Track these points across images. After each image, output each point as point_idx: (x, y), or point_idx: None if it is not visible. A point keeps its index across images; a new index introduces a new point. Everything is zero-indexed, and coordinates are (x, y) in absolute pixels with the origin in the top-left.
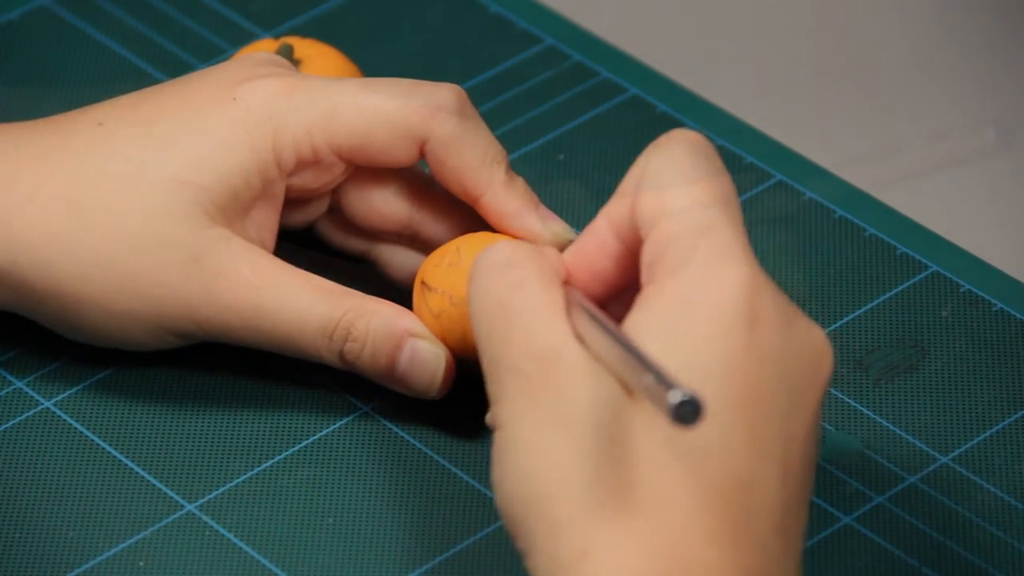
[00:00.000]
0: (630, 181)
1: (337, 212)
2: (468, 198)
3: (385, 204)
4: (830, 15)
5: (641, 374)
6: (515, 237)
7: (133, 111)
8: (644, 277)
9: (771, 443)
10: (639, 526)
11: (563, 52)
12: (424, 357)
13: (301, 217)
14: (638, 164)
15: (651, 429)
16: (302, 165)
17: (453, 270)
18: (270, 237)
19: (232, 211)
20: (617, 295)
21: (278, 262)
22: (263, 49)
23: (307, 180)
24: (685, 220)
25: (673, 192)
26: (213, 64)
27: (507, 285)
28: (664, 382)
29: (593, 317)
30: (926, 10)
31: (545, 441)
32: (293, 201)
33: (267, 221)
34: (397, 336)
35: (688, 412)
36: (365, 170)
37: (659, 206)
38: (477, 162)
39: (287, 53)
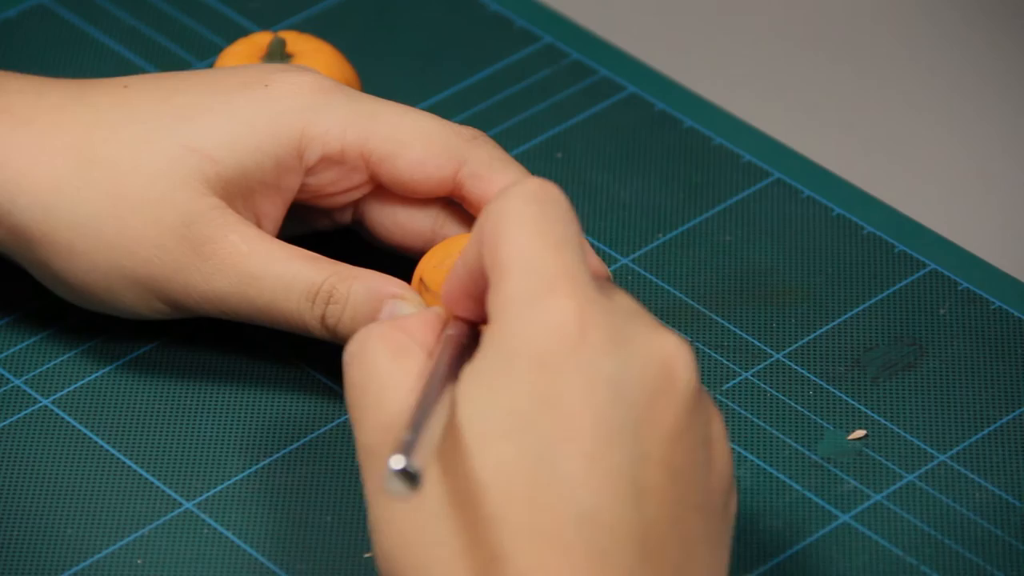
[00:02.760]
0: (479, 229)
1: (360, 226)
2: None
3: (410, 219)
4: (830, 14)
5: (405, 431)
6: None
7: (160, 81)
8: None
9: (613, 468)
10: None
11: (561, 50)
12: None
13: (326, 223)
14: (485, 214)
15: (490, 482)
16: (326, 163)
17: None
18: (269, 226)
19: (235, 187)
20: None
21: (266, 235)
22: (257, 43)
23: (324, 182)
24: (513, 267)
25: (506, 246)
26: (212, 62)
27: (359, 368)
28: (402, 447)
29: (430, 373)
30: (926, 10)
31: (398, 519)
32: (314, 208)
33: (270, 210)
34: (378, 298)
35: (397, 483)
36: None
37: (493, 261)
38: (523, 178)
39: (279, 47)
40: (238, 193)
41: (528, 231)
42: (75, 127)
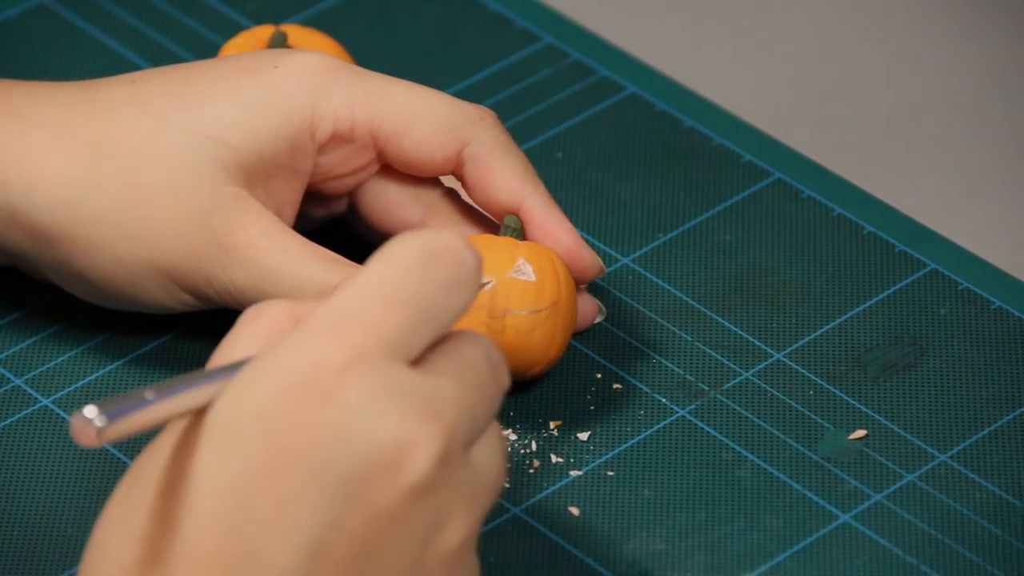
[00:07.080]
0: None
1: (353, 215)
2: (505, 204)
3: (400, 207)
4: (829, 14)
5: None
6: (554, 241)
7: (168, 73)
8: None
9: (298, 517)
10: None
11: (562, 50)
12: None
13: (322, 212)
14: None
15: (194, 500)
16: (336, 141)
17: (524, 282)
18: (289, 211)
19: (254, 174)
20: None
21: (287, 229)
22: (258, 36)
23: (335, 161)
24: (335, 297)
25: (352, 281)
26: None
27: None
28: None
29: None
30: (926, 10)
31: (114, 497)
32: (314, 195)
33: (288, 194)
34: None
35: (84, 426)
36: (386, 170)
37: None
38: (520, 169)
39: (280, 41)
40: (258, 179)
41: (377, 277)
42: (87, 123)
